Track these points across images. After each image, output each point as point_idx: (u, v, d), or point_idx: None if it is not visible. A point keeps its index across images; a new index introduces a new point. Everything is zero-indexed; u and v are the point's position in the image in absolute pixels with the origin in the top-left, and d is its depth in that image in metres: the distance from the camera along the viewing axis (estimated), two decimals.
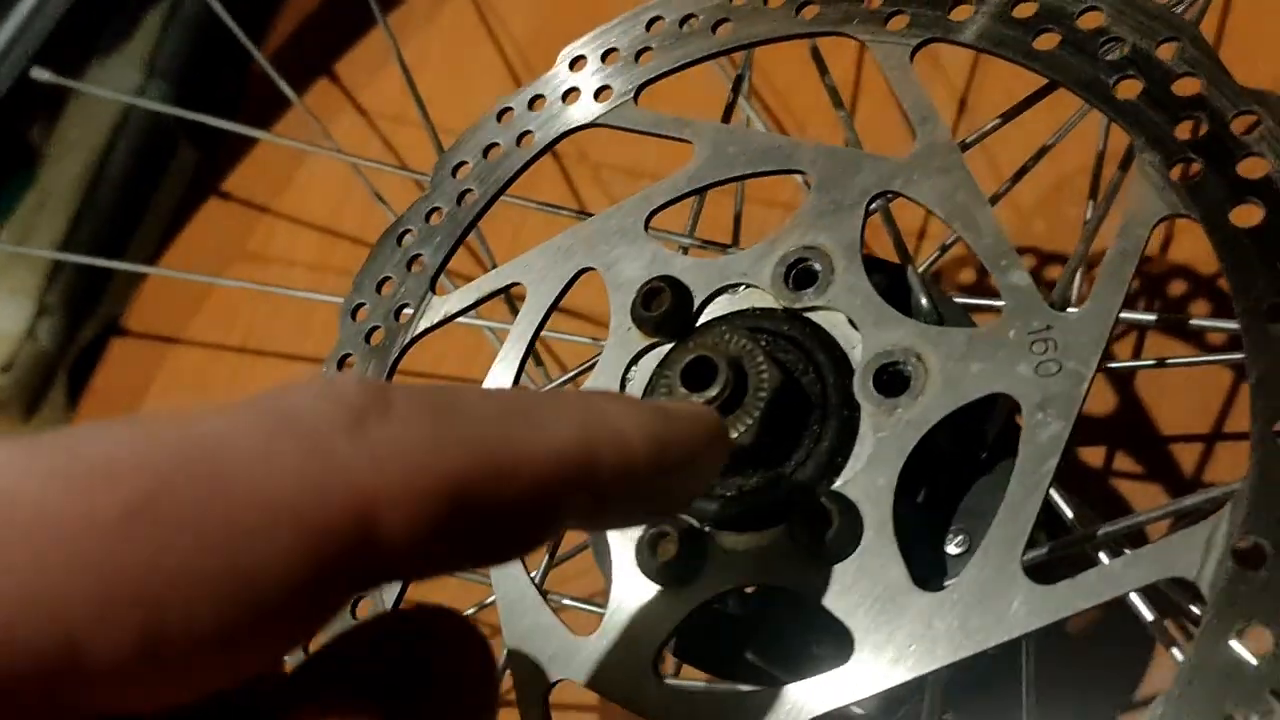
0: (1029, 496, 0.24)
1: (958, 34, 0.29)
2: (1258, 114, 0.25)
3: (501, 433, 0.16)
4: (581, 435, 0.17)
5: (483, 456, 0.16)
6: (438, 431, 0.16)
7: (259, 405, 0.15)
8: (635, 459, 0.18)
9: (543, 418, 0.17)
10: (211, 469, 0.14)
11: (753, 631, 0.30)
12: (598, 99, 0.34)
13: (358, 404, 0.15)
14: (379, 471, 0.15)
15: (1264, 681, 0.21)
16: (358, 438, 0.15)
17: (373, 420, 0.15)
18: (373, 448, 0.15)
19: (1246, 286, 0.24)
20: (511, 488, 0.16)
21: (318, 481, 0.15)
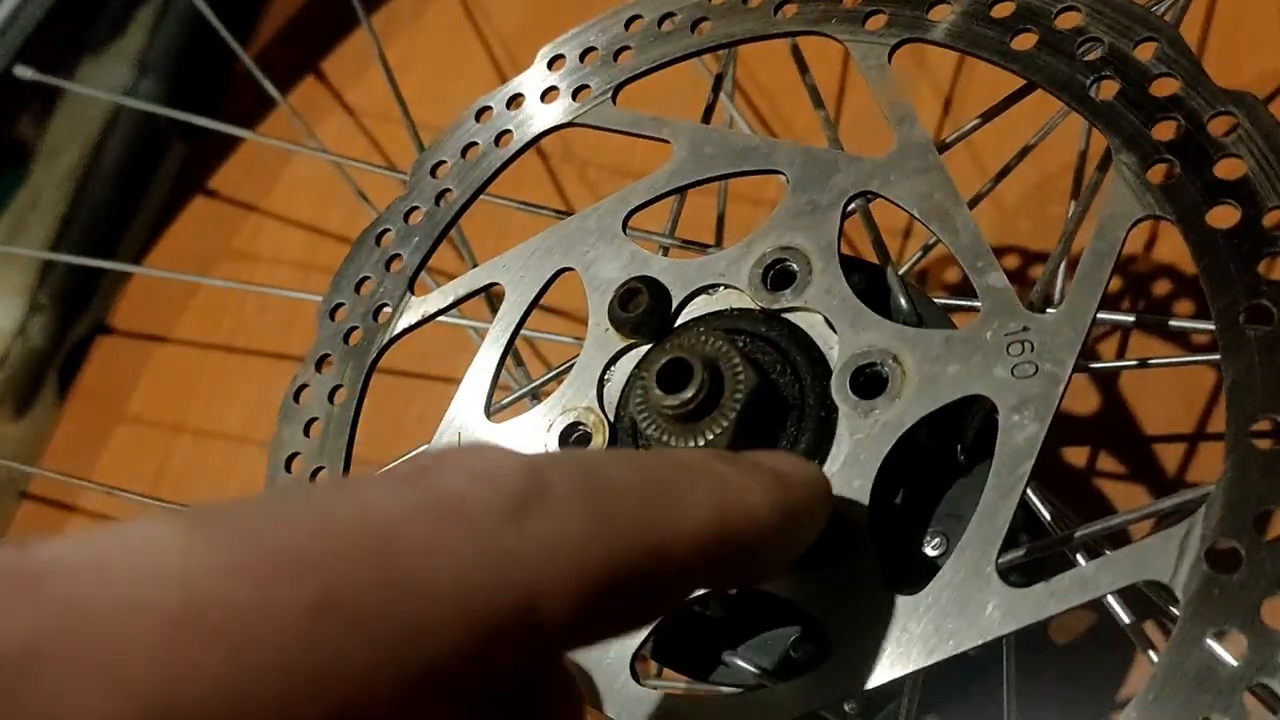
0: (1004, 499, 0.24)
1: (933, 33, 0.29)
2: (1235, 115, 0.25)
3: (647, 516, 0.17)
4: (716, 515, 0.18)
5: (633, 543, 0.17)
6: (593, 523, 0.17)
7: (422, 487, 0.16)
8: (764, 532, 0.20)
9: (681, 497, 0.18)
10: (387, 563, 0.15)
11: (731, 634, 0.29)
12: (576, 98, 0.34)
13: (517, 490, 0.16)
14: (542, 565, 0.16)
15: (1238, 684, 0.21)
16: (521, 529, 0.16)
17: (533, 509, 0.16)
18: (536, 540, 0.16)
19: (1223, 289, 0.24)
20: (658, 569, 0.18)
21: (487, 577, 0.15)
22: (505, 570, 0.16)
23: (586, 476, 0.17)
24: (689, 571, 0.18)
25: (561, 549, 0.16)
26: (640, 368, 0.29)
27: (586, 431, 0.29)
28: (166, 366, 0.64)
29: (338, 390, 0.34)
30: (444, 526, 0.15)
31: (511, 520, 0.16)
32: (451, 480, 0.16)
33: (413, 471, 0.16)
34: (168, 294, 0.65)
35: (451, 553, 0.15)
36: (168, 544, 0.14)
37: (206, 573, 0.14)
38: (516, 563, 0.16)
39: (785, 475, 0.21)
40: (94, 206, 0.66)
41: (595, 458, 0.19)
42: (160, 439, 0.62)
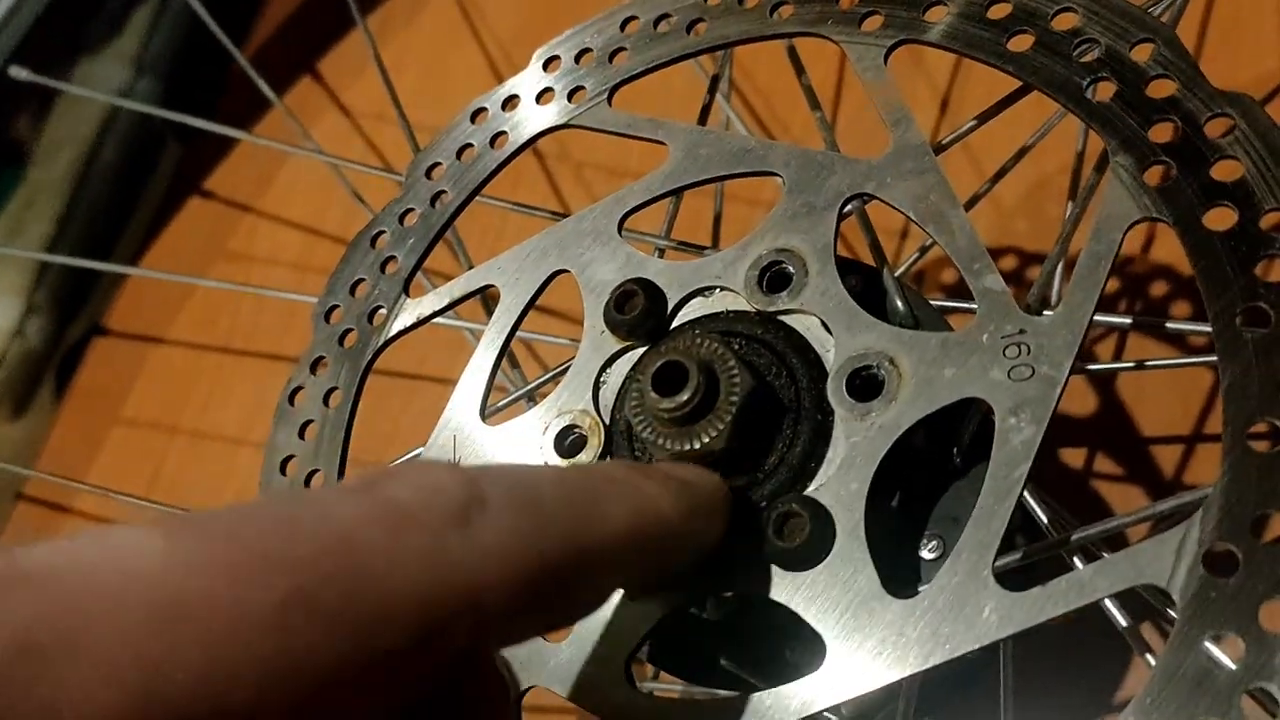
0: (1001, 502, 0.24)
1: (929, 34, 0.29)
2: (1232, 117, 0.25)
3: (573, 522, 0.20)
4: (632, 519, 0.21)
5: (562, 545, 0.20)
6: (527, 528, 0.19)
7: (376, 497, 0.18)
8: (672, 529, 0.23)
9: (603, 506, 0.21)
10: (350, 564, 0.17)
11: (727, 637, 0.29)
12: (571, 100, 0.34)
13: (460, 499, 0.18)
14: (485, 564, 0.18)
15: (1236, 688, 0.21)
16: (464, 534, 0.18)
17: (474, 516, 0.18)
18: (478, 542, 0.18)
19: (1219, 291, 0.24)
20: (583, 565, 0.20)
21: (437, 574, 0.18)
22: (452, 567, 0.18)
23: (519, 488, 0.20)
24: (611, 566, 0.21)
25: (499, 550, 0.18)
26: (636, 370, 0.29)
27: (582, 434, 0.29)
28: (163, 368, 0.64)
29: (333, 393, 0.34)
30: (398, 530, 0.17)
31: (456, 525, 0.18)
32: (402, 491, 0.18)
33: (365, 484, 0.18)
34: (164, 295, 0.65)
35: (405, 553, 0.17)
36: (149, 547, 0.16)
37: (187, 573, 0.16)
38: (461, 561, 0.18)
39: (690, 483, 0.24)
40: (90, 207, 0.66)
41: (528, 472, 0.21)
42: (156, 440, 0.61)
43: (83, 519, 0.61)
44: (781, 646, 0.28)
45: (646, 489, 0.22)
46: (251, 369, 0.61)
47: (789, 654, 0.28)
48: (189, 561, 0.16)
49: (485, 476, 0.19)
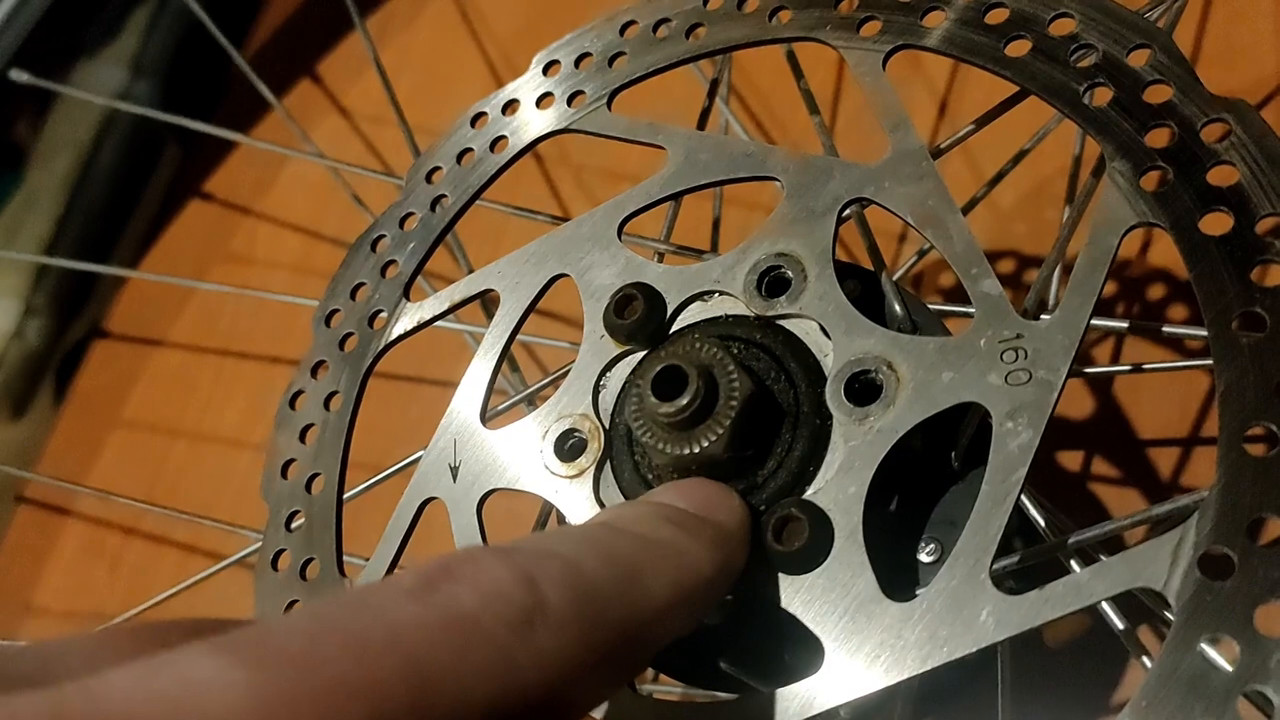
0: (998, 506, 0.24)
1: (927, 40, 0.29)
2: (1228, 122, 0.25)
3: (625, 606, 0.21)
4: (676, 588, 0.22)
5: (617, 633, 0.21)
6: (586, 625, 0.20)
7: (439, 607, 0.18)
8: (714, 587, 0.24)
9: (647, 581, 0.22)
10: (422, 687, 0.17)
11: (726, 640, 0.29)
12: (571, 104, 0.34)
13: (521, 607, 0.19)
14: (548, 672, 0.19)
15: (1231, 690, 0.21)
16: (529, 644, 0.19)
17: (537, 623, 0.19)
18: (542, 652, 0.19)
19: (1215, 296, 0.24)
20: (635, 643, 0.21)
21: (507, 688, 0.18)
22: (518, 677, 0.18)
23: (571, 582, 0.20)
24: (656, 636, 0.22)
25: (561, 654, 0.19)
26: (636, 375, 0.29)
27: (582, 438, 0.29)
28: (163, 370, 0.64)
29: (333, 396, 0.34)
30: (465, 645, 0.18)
31: (519, 633, 0.19)
32: (463, 596, 0.19)
33: (425, 585, 0.19)
34: (164, 298, 0.65)
35: (475, 668, 0.18)
36: (232, 682, 0.16)
37: (275, 710, 0.16)
38: (527, 670, 0.19)
39: (723, 528, 0.25)
40: (89, 209, 0.66)
41: (574, 554, 0.21)
42: (156, 443, 0.62)
43: (83, 521, 0.61)
44: (780, 649, 0.28)
45: (685, 549, 0.23)
46: (251, 371, 0.61)
47: (788, 657, 0.28)
48: (278, 697, 0.16)
49: (540, 571, 0.20)
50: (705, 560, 0.24)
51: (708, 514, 0.25)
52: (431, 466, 0.31)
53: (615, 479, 0.29)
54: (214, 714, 0.15)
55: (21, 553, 0.62)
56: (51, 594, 0.60)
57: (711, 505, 0.25)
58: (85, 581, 0.59)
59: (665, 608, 0.22)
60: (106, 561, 0.59)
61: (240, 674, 0.16)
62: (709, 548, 0.24)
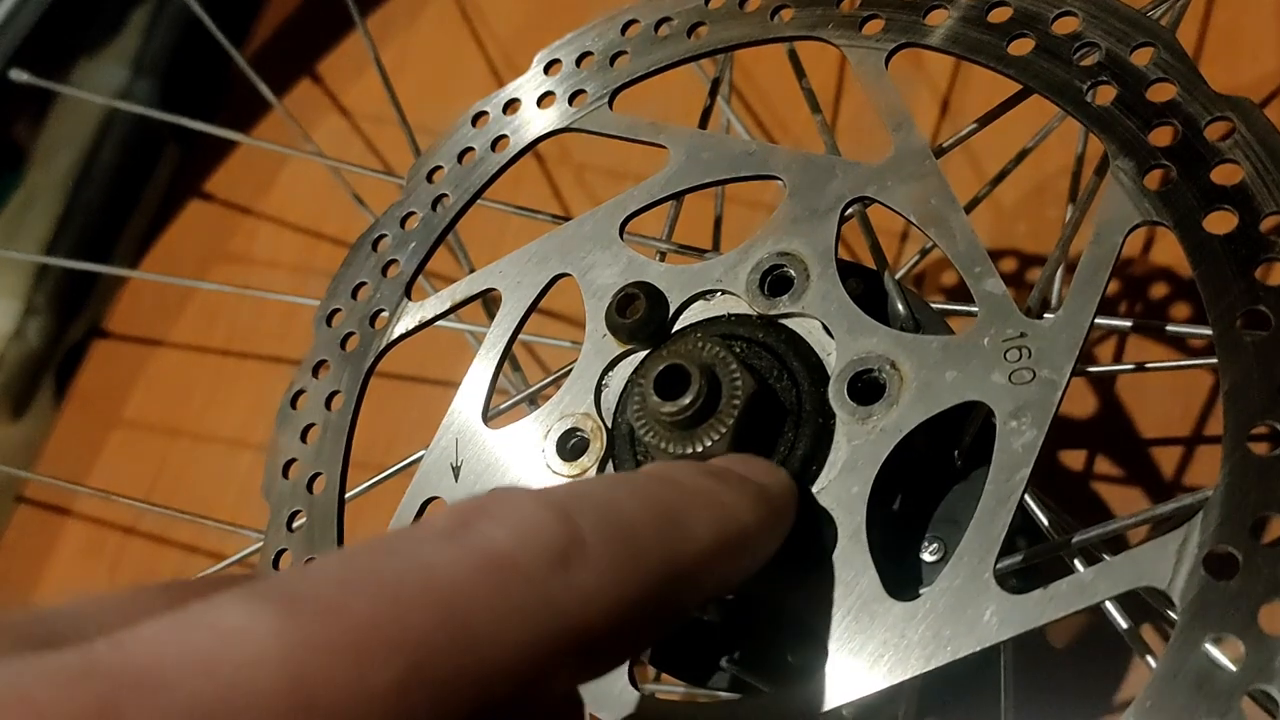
0: (1002, 505, 0.24)
1: (930, 38, 0.29)
2: (1232, 120, 0.25)
3: (664, 547, 0.20)
4: (718, 533, 0.22)
5: (656, 574, 0.20)
6: (624, 564, 0.19)
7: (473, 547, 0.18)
8: (752, 540, 0.23)
9: (688, 523, 0.21)
10: (461, 628, 0.17)
11: (729, 639, 0.29)
12: (572, 103, 0.34)
13: (557, 542, 0.18)
14: (587, 609, 0.18)
15: (1236, 690, 0.21)
16: (566, 580, 0.18)
17: (574, 559, 0.18)
18: (581, 588, 0.18)
19: (1219, 294, 0.24)
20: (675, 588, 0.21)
21: (545, 625, 0.18)
22: (557, 615, 0.18)
23: (609, 520, 0.20)
24: (699, 583, 0.21)
25: (600, 591, 0.19)
26: (638, 374, 0.29)
27: (584, 437, 0.29)
28: (163, 370, 0.64)
29: (335, 396, 0.34)
30: (502, 584, 0.18)
31: (557, 570, 0.18)
32: (499, 534, 0.18)
33: (459, 523, 0.18)
34: (164, 297, 0.65)
35: (510, 607, 0.17)
36: (263, 631, 0.15)
37: (306, 658, 0.15)
38: (566, 607, 0.18)
39: (766, 488, 0.24)
40: (89, 209, 0.66)
41: (610, 495, 0.21)
42: (157, 443, 0.61)
43: (84, 521, 0.61)
44: (783, 649, 0.28)
45: (727, 500, 0.23)
46: (252, 371, 0.61)
47: (791, 656, 0.28)
48: (306, 644, 0.15)
49: (577, 508, 0.19)
50: (748, 511, 0.23)
51: (750, 473, 0.24)
52: (433, 466, 0.31)
53: None
54: (245, 662, 0.15)
55: (21, 553, 0.62)
56: (51, 593, 0.60)
57: (757, 472, 0.25)
58: (85, 582, 0.59)
59: (706, 552, 0.21)
60: (106, 561, 0.59)
61: (271, 621, 0.15)
62: (751, 502, 0.23)
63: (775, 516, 0.24)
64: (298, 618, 0.16)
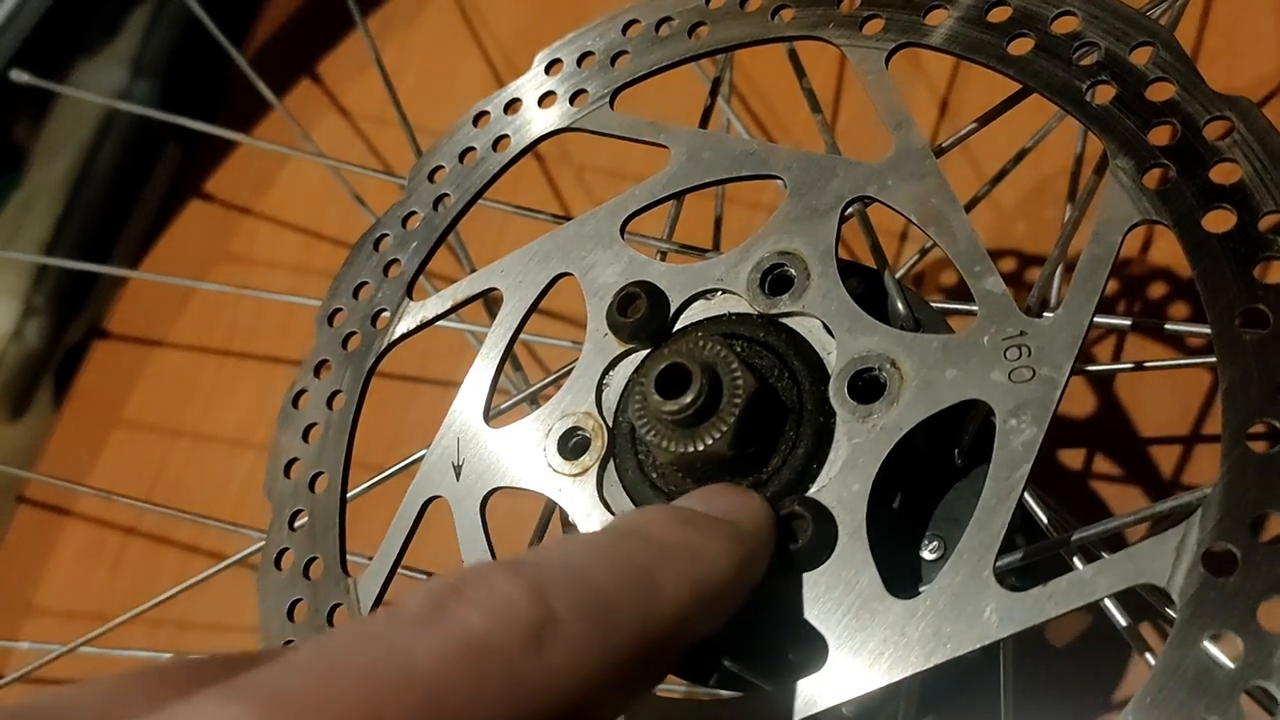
0: (1002, 503, 0.24)
1: (930, 38, 0.29)
2: (1230, 120, 0.25)
3: (638, 612, 0.20)
4: (692, 590, 0.22)
5: (630, 639, 0.20)
6: (597, 637, 0.19)
7: (451, 629, 0.18)
8: (734, 588, 0.23)
9: (661, 584, 0.21)
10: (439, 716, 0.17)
11: (730, 638, 0.29)
12: (573, 103, 0.34)
13: (530, 621, 0.19)
14: (560, 686, 0.19)
15: (1235, 687, 0.21)
16: (540, 659, 0.19)
17: (547, 637, 0.19)
18: (553, 667, 0.19)
19: (1218, 293, 0.24)
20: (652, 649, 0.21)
21: (521, 706, 0.18)
22: (535, 695, 0.18)
23: (581, 592, 0.20)
24: (675, 641, 0.22)
25: (572, 667, 0.19)
26: (639, 373, 0.29)
27: (586, 436, 0.29)
28: (163, 370, 0.64)
29: (336, 395, 0.34)
30: (478, 671, 0.18)
31: (531, 652, 0.18)
32: (472, 620, 0.18)
33: (433, 608, 0.19)
34: (164, 298, 0.65)
35: (489, 694, 0.18)
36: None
37: None
38: (543, 687, 0.18)
39: (740, 527, 0.24)
40: (89, 210, 0.66)
41: (583, 563, 0.21)
42: (157, 443, 0.61)
43: (84, 521, 0.61)
44: (784, 647, 0.28)
45: (701, 550, 0.23)
46: (252, 371, 0.61)
47: (791, 654, 0.28)
48: None
49: (548, 582, 0.19)
50: (722, 560, 0.23)
51: (726, 516, 0.24)
52: (434, 465, 0.31)
53: (619, 477, 0.29)
54: None
55: (22, 553, 0.62)
56: (52, 594, 0.60)
57: (732, 509, 0.25)
58: (86, 581, 0.59)
59: (681, 611, 0.21)
60: (107, 561, 0.59)
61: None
62: (726, 547, 0.23)
63: (750, 556, 0.24)
64: (277, 715, 0.16)
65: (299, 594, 0.32)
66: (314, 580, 0.32)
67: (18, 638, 0.58)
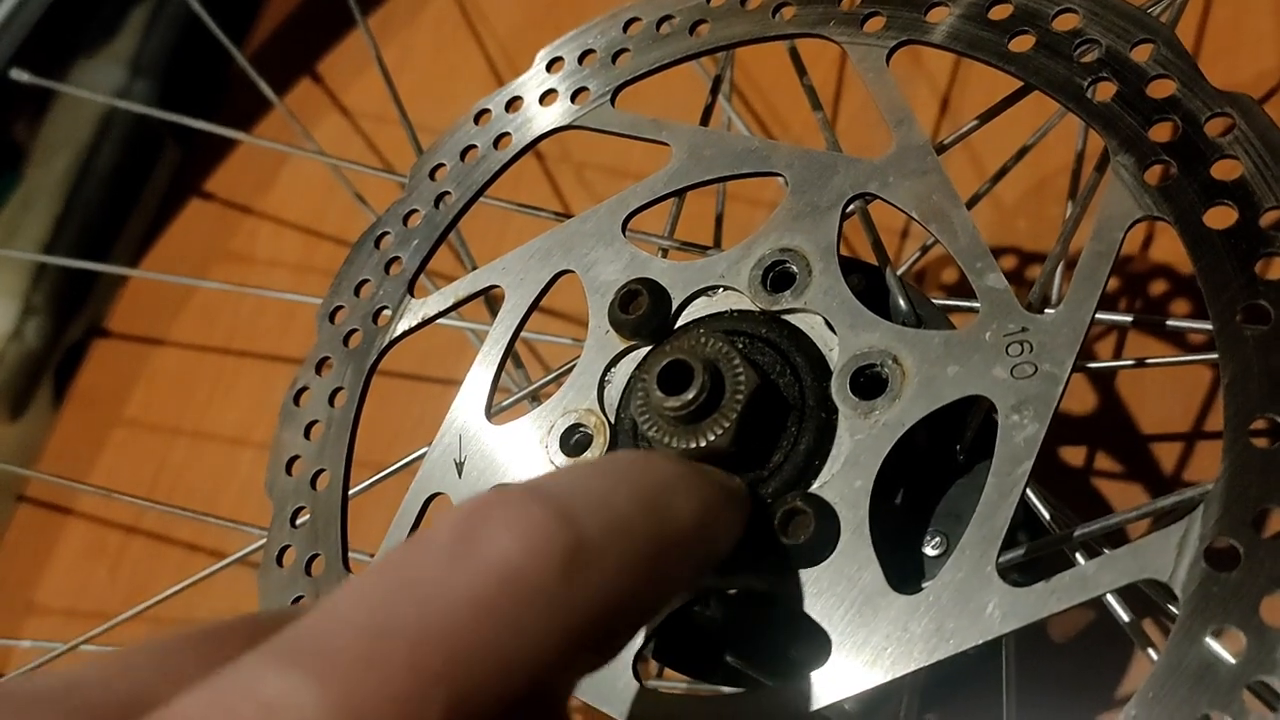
0: (1004, 499, 0.24)
1: (931, 35, 0.29)
2: (1231, 116, 0.25)
3: (658, 533, 0.21)
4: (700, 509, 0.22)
5: (653, 560, 0.21)
6: (625, 558, 0.20)
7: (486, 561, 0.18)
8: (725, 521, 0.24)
9: (674, 505, 0.22)
10: (490, 654, 0.17)
11: (732, 634, 0.30)
12: (574, 101, 0.34)
13: (561, 547, 0.19)
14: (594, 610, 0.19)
15: (1237, 682, 0.21)
16: (571, 584, 0.19)
17: (578, 563, 0.19)
18: (586, 589, 0.19)
19: (1220, 289, 0.24)
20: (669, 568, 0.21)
21: (557, 633, 0.18)
22: (574, 618, 0.19)
23: (607, 515, 0.20)
24: (687, 559, 0.22)
25: (608, 587, 0.19)
26: (641, 370, 0.29)
27: (588, 433, 0.29)
28: (163, 369, 0.64)
29: (338, 393, 0.34)
30: (521, 601, 0.18)
31: (568, 578, 0.19)
32: (508, 549, 0.18)
33: (464, 539, 0.18)
34: (164, 296, 0.65)
35: (533, 621, 0.18)
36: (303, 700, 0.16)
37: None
38: (580, 610, 0.19)
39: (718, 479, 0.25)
40: (88, 209, 0.66)
41: (604, 486, 0.21)
42: (157, 441, 0.61)
43: (84, 520, 0.61)
44: (786, 643, 0.28)
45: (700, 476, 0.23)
46: (252, 370, 0.61)
47: (794, 650, 0.28)
48: (352, 709, 0.16)
49: (577, 508, 0.19)
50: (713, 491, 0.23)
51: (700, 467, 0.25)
52: (436, 462, 0.31)
53: None
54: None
55: (22, 552, 0.62)
56: (52, 592, 0.60)
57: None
58: (86, 580, 0.59)
59: (691, 528, 0.22)
60: (108, 560, 0.59)
61: (311, 690, 0.16)
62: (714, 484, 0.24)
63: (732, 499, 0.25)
64: (337, 682, 0.16)
65: (301, 591, 0.32)
66: (316, 577, 0.32)
67: (18, 636, 0.58)
